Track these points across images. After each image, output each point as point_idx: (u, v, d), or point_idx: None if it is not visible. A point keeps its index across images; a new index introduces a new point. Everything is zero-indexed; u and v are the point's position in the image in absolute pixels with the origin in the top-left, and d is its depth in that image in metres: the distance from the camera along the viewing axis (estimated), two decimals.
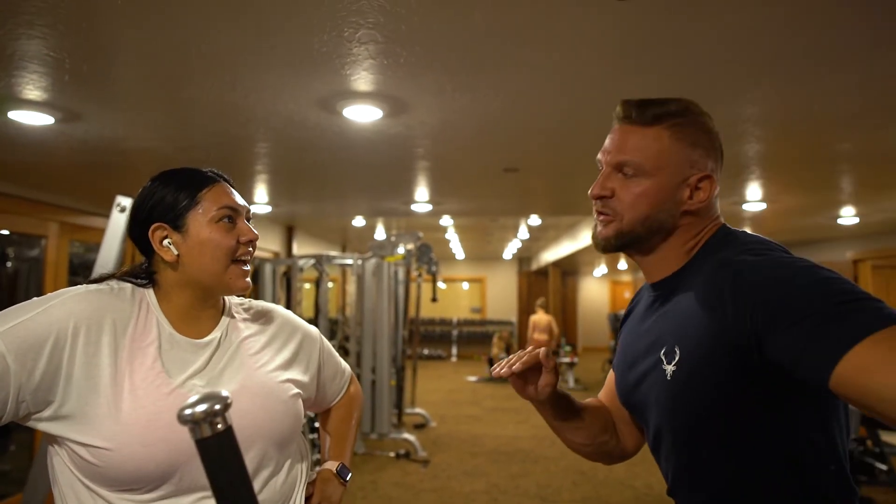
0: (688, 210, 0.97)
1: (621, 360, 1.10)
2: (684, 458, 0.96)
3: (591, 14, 1.53)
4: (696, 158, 0.96)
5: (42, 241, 4.02)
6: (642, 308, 1.08)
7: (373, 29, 1.59)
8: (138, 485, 0.94)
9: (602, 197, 0.99)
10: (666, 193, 0.96)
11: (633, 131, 0.97)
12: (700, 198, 0.96)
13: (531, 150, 3.01)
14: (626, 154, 0.97)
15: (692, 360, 0.90)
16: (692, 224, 0.98)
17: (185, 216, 1.04)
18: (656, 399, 0.97)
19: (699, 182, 0.96)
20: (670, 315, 0.96)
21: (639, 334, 1.05)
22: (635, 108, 0.98)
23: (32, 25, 1.56)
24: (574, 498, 4.48)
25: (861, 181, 3.89)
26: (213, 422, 0.61)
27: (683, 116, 0.97)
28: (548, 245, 11.47)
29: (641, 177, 0.96)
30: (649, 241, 0.99)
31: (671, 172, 0.96)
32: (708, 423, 0.91)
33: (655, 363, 0.96)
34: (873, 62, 1.84)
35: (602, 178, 1.00)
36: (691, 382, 0.90)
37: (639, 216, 0.96)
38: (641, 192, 0.96)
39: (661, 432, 0.99)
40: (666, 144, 0.96)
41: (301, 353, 1.17)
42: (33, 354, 0.92)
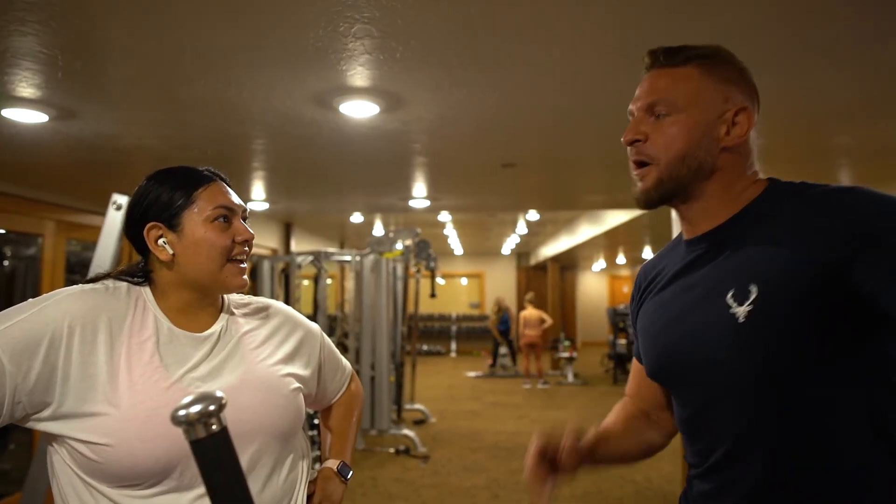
0: (726, 147, 0.94)
1: (651, 329, 1.04)
2: (749, 411, 0.90)
3: (589, 10, 1.52)
4: (729, 93, 0.95)
5: (39, 239, 4.00)
6: (675, 271, 1.02)
7: (368, 24, 1.58)
8: (138, 480, 0.93)
9: (635, 141, 0.97)
10: (702, 128, 0.93)
11: (663, 73, 0.97)
12: (738, 132, 0.94)
13: (529, 146, 3.00)
14: (657, 94, 0.95)
15: (774, 293, 0.85)
16: (733, 165, 0.95)
17: (181, 215, 1.03)
18: (720, 349, 0.90)
19: (735, 116, 0.94)
20: (734, 259, 0.92)
21: (678, 295, 0.99)
22: (663, 53, 0.98)
23: (24, 22, 1.54)
24: (574, 493, 4.48)
25: (859, 174, 3.89)
26: (208, 423, 0.60)
27: (714, 56, 0.96)
28: (546, 240, 11.47)
29: (674, 114, 0.94)
30: (691, 186, 0.96)
31: (705, 107, 0.94)
32: (788, 362, 0.85)
33: (718, 309, 0.90)
34: (870, 56, 1.83)
35: (634, 122, 0.98)
36: (772, 317, 0.85)
37: (676, 155, 0.94)
38: (676, 130, 0.93)
39: (720, 389, 0.92)
40: (697, 81, 0.94)
41: (302, 348, 1.16)
42: (28, 355, 0.91)
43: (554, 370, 10.84)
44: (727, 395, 0.92)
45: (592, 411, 7.46)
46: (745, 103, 0.95)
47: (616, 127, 2.66)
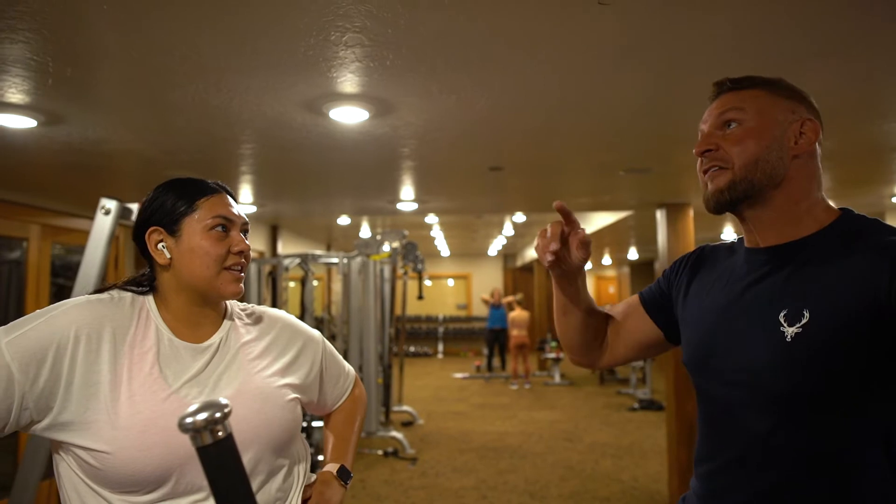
0: (797, 154, 1.00)
1: (698, 323, 1.10)
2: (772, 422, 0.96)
3: (574, 18, 1.55)
4: (795, 107, 1.02)
5: (23, 243, 3.97)
6: (733, 275, 1.07)
7: (359, 33, 1.60)
8: (137, 487, 0.96)
9: (707, 151, 1.03)
10: (772, 135, 1.00)
11: (731, 96, 1.05)
12: (807, 140, 1.00)
13: (516, 150, 3.03)
14: (731, 109, 1.03)
15: (825, 323, 0.91)
16: (801, 177, 1.01)
17: (181, 221, 1.07)
18: (762, 361, 0.96)
19: (803, 125, 1.01)
20: (794, 281, 0.97)
21: (732, 299, 1.04)
22: (730, 81, 1.06)
23: (15, 30, 1.55)
24: (562, 493, 4.53)
25: (838, 177, 3.97)
26: (214, 430, 0.62)
27: (778, 81, 1.05)
28: (533, 241, 11.52)
29: (745, 123, 1.01)
30: (763, 191, 1.01)
31: (774, 117, 1.01)
32: (821, 386, 0.92)
33: (769, 324, 0.96)
34: (850, 64, 1.89)
35: (705, 135, 1.05)
36: (817, 345, 0.91)
37: (750, 158, 1.00)
38: (748, 136, 1.00)
39: (754, 395, 0.98)
40: (765, 97, 1.02)
41: (301, 357, 1.19)
42: (36, 363, 0.94)
43: (541, 371, 10.90)
44: (756, 402, 0.98)
45: (579, 411, 7.52)
46: (809, 116, 1.02)
47: (601, 131, 2.71)
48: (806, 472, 0.93)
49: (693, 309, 1.13)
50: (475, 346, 13.79)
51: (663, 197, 4.42)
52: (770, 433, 0.96)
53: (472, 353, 13.64)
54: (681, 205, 4.51)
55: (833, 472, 0.92)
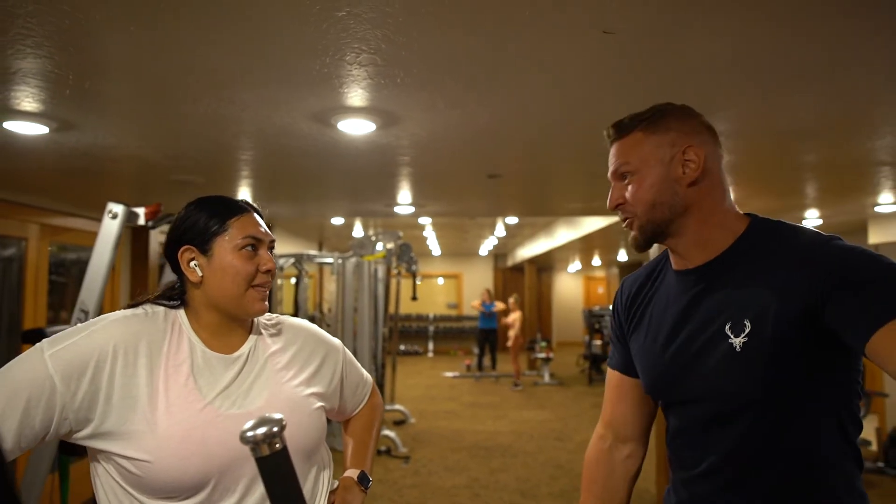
0: (690, 182, 1.07)
1: (650, 352, 1.16)
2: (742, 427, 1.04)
3: (576, 43, 1.64)
4: (673, 139, 1.08)
5: (22, 242, 3.99)
6: (670, 299, 1.15)
7: (374, 54, 1.67)
8: (175, 493, 1.01)
9: (617, 206, 1.13)
10: (660, 177, 1.08)
11: (618, 144, 1.13)
12: (693, 166, 1.07)
13: (514, 159, 3.12)
14: (618, 162, 1.12)
15: (764, 329, 0.99)
16: (703, 197, 1.08)
17: (213, 241, 1.11)
18: (720, 373, 1.04)
19: (684, 154, 1.08)
20: (728, 294, 1.05)
21: (677, 321, 1.12)
22: (614, 129, 1.14)
23: (41, 46, 1.60)
24: (552, 491, 4.63)
25: (824, 187, 4.09)
26: (272, 442, 0.70)
27: (653, 115, 1.11)
28: (524, 242, 11.64)
29: (635, 174, 1.10)
30: (671, 225, 1.09)
31: (655, 159, 1.08)
32: (776, 386, 1.00)
33: (717, 338, 1.04)
34: (831, 83, 1.98)
35: (612, 190, 1.14)
36: (764, 349, 0.99)
37: (647, 205, 1.09)
38: (640, 186, 1.09)
39: (720, 406, 1.06)
40: (642, 142, 1.10)
41: (324, 366, 1.24)
42: (77, 376, 0.99)
43: (531, 370, 11.01)
44: (719, 414, 1.06)
45: (569, 410, 7.64)
46: (690, 142, 1.08)
47: (595, 142, 2.80)
48: (775, 471, 1.03)
49: (640, 341, 1.21)
50: (465, 345, 13.88)
51: None
52: (736, 440, 1.05)
53: (463, 352, 13.72)
54: None
55: (801, 468, 1.03)
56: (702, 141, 1.09)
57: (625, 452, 1.29)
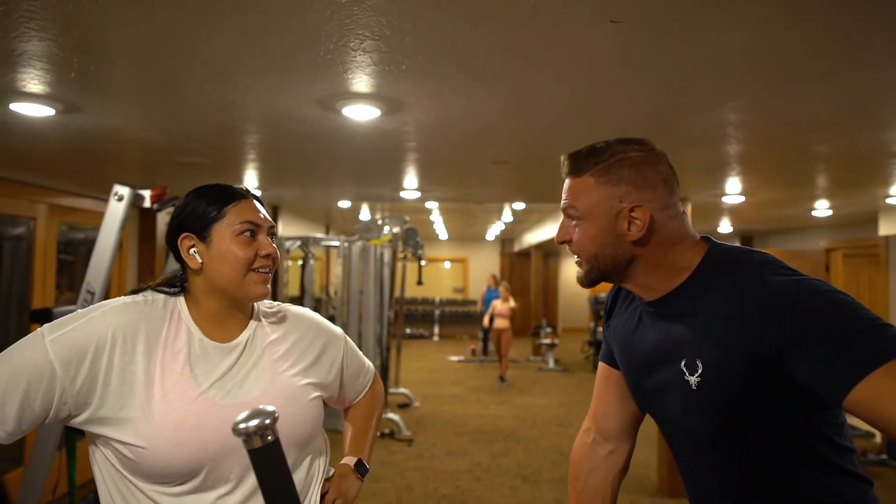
0: (634, 240, 1.04)
1: (630, 369, 1.17)
2: (708, 459, 1.06)
3: (582, 33, 1.61)
4: (622, 193, 1.04)
5: (31, 222, 4.02)
6: (638, 320, 1.15)
7: (378, 40, 1.65)
8: (169, 479, 1.03)
9: (564, 242, 1.11)
10: (604, 231, 1.05)
11: (570, 182, 1.09)
12: (638, 226, 1.03)
13: (521, 147, 3.10)
14: (568, 202, 1.09)
15: (717, 370, 0.98)
16: (651, 250, 1.05)
17: (211, 228, 1.12)
18: (681, 407, 1.05)
19: (631, 212, 1.03)
20: (681, 330, 1.04)
21: (645, 342, 1.12)
22: (569, 162, 1.09)
23: (45, 29, 1.60)
24: (553, 477, 4.66)
25: (835, 179, 4.05)
26: (264, 434, 0.70)
27: (607, 160, 1.05)
28: (531, 227, 11.60)
29: (581, 220, 1.07)
30: (616, 274, 1.08)
31: (601, 212, 1.05)
32: (732, 425, 1.01)
33: (676, 374, 1.04)
34: (844, 76, 1.95)
35: (561, 225, 1.12)
36: (716, 391, 0.99)
37: (589, 255, 1.08)
38: (584, 235, 1.07)
39: (684, 438, 1.09)
40: (591, 190, 1.05)
41: (324, 355, 1.24)
42: (76, 361, 1.00)
43: (535, 356, 11.04)
44: (689, 441, 1.09)
45: (572, 397, 7.67)
46: (640, 200, 1.03)
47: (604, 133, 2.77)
48: (754, 496, 1.04)
49: (624, 353, 1.20)
50: (471, 329, 13.92)
51: None
52: (717, 465, 1.07)
53: (468, 336, 13.76)
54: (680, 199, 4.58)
55: (778, 492, 1.03)
56: (653, 198, 1.04)
57: (608, 448, 1.30)
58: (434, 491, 4.32)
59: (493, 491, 4.35)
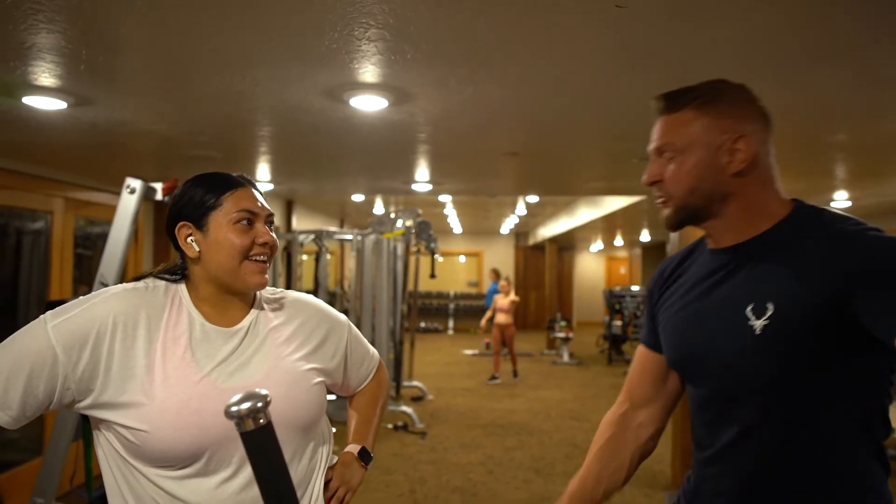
0: (736, 172, 1.03)
1: (676, 327, 1.15)
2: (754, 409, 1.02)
3: (589, 18, 1.59)
4: (726, 125, 1.03)
5: (48, 216, 4.08)
6: (700, 277, 1.13)
7: (382, 29, 1.65)
8: (170, 462, 1.03)
9: (652, 183, 1.09)
10: (705, 163, 1.04)
11: (666, 119, 1.08)
12: (741, 158, 1.03)
13: (531, 137, 3.07)
14: (663, 139, 1.08)
15: (787, 314, 0.96)
16: (748, 187, 1.04)
17: (208, 216, 1.11)
18: (737, 354, 1.02)
19: (734, 144, 1.03)
20: (756, 276, 1.02)
21: (704, 299, 1.10)
22: (665, 100, 1.09)
23: (53, 21, 1.61)
24: (567, 470, 4.64)
25: (854, 169, 3.97)
26: (256, 417, 0.70)
27: (708, 94, 1.06)
28: (545, 221, 11.55)
29: (679, 155, 1.05)
30: (707, 210, 1.06)
31: (703, 144, 1.04)
32: (791, 372, 0.98)
33: (738, 320, 1.01)
34: (863, 61, 1.91)
35: (650, 165, 1.10)
36: (783, 334, 0.97)
37: (685, 190, 1.05)
38: (681, 169, 1.05)
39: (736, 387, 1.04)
40: (692, 122, 1.05)
41: (328, 341, 1.24)
42: (78, 347, 1.01)
43: (550, 350, 11.01)
44: (737, 393, 1.04)
45: (587, 390, 7.63)
46: (743, 131, 1.03)
47: (614, 123, 2.75)
48: (787, 456, 1.00)
49: (667, 315, 1.19)
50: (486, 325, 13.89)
51: None
52: (752, 421, 1.03)
53: (482, 330, 13.75)
54: None
55: (812, 462, 1.00)
56: (754, 130, 1.04)
57: (639, 419, 1.28)
58: (446, 483, 4.33)
59: (505, 484, 4.35)
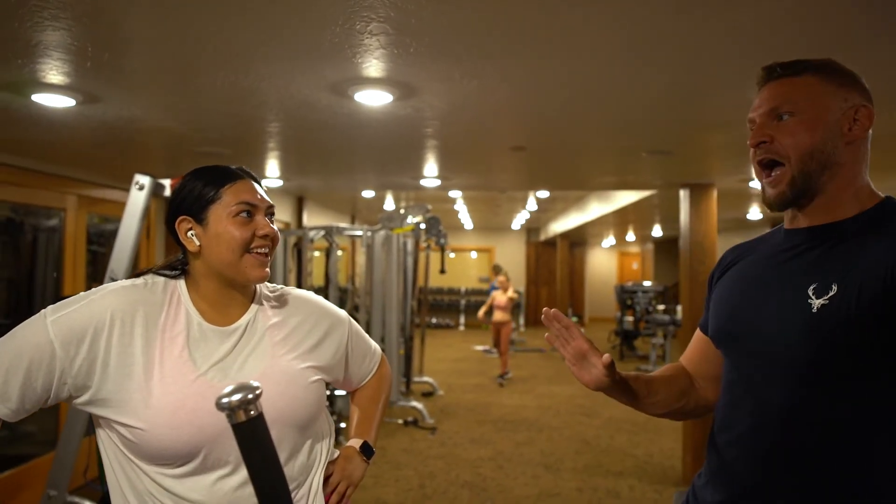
0: (849, 141, 1.02)
1: (729, 297, 1.13)
2: (793, 388, 0.99)
3: (594, 10, 1.58)
4: (848, 94, 1.03)
5: (61, 213, 4.13)
6: (768, 253, 1.11)
7: (383, 22, 1.64)
8: (169, 460, 1.04)
9: (762, 143, 1.05)
10: (826, 125, 1.01)
11: (783, 82, 1.06)
12: (860, 127, 1.03)
13: (538, 132, 3.06)
14: (780, 99, 1.05)
15: (849, 297, 0.94)
16: (853, 162, 1.03)
17: (207, 209, 1.11)
18: (787, 330, 1.00)
19: (857, 112, 1.02)
20: (827, 257, 1.01)
21: (765, 273, 1.09)
22: (780, 66, 1.07)
23: (58, 18, 1.63)
24: (576, 466, 4.64)
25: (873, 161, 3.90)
26: (247, 409, 0.70)
27: (828, 65, 1.05)
28: (556, 216, 11.51)
29: (800, 115, 1.02)
30: (820, 180, 1.03)
31: (827, 106, 1.02)
32: (839, 358, 0.95)
33: (797, 297, 0.99)
34: (872, 52, 1.87)
35: (758, 127, 1.06)
36: (840, 316, 0.94)
37: (805, 151, 1.02)
38: (802, 128, 1.02)
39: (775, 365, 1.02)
40: (817, 85, 1.03)
41: (328, 339, 1.23)
42: (76, 342, 1.01)
43: None
44: (777, 372, 1.01)
45: None
46: (865, 101, 1.04)
47: (621, 117, 2.72)
48: (817, 440, 0.97)
49: (724, 287, 1.17)
50: None
51: (687, 177, 4.40)
52: (787, 402, 1.00)
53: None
54: (705, 185, 4.48)
55: (842, 442, 0.96)
56: (871, 105, 1.04)
57: (701, 383, 1.27)
58: (456, 478, 4.34)
59: (514, 479, 4.34)
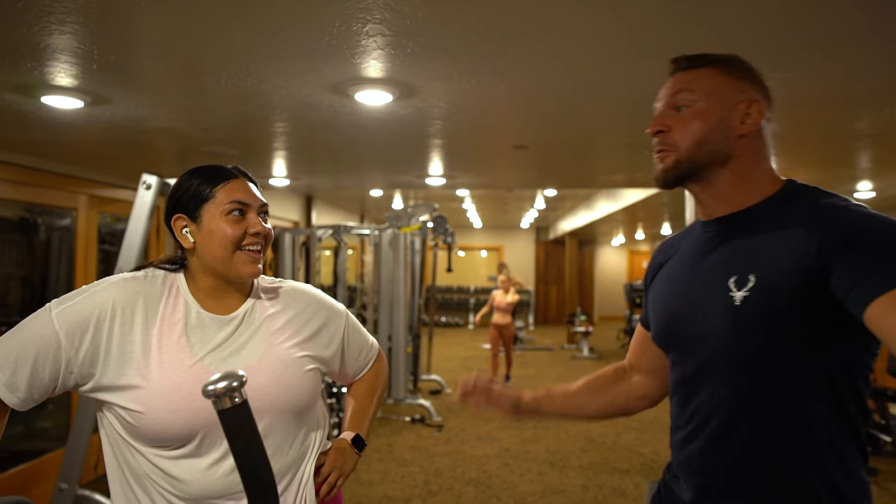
0: (741, 134, 1.04)
1: (663, 299, 1.17)
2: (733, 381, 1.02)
3: (592, 7, 1.59)
4: (744, 87, 1.06)
5: (73, 213, 4.21)
6: (690, 250, 1.14)
7: (380, 24, 1.67)
8: (165, 443, 1.08)
9: (659, 132, 1.09)
10: (718, 116, 1.05)
11: (685, 74, 1.10)
12: (752, 121, 1.05)
13: (539, 130, 3.07)
14: (679, 89, 1.08)
15: (768, 286, 0.96)
16: (747, 153, 1.05)
17: (201, 208, 1.15)
18: (716, 326, 1.02)
19: (749, 107, 1.05)
20: (741, 248, 1.03)
21: (690, 271, 1.12)
22: (686, 59, 1.10)
23: (64, 23, 1.67)
24: (582, 463, 4.65)
25: (878, 157, 3.88)
26: (232, 396, 0.74)
27: (728, 59, 1.09)
28: (565, 215, 11.49)
29: (693, 106, 1.06)
30: (707, 170, 1.07)
31: (721, 98, 1.05)
32: (769, 347, 0.98)
33: (719, 292, 1.02)
34: (876, 46, 1.86)
35: (658, 115, 1.10)
36: (763, 306, 0.97)
37: (695, 140, 1.05)
38: (695, 118, 1.05)
39: (711, 361, 1.05)
40: (715, 77, 1.07)
41: (324, 330, 1.26)
42: (80, 333, 1.06)
43: (570, 344, 10.97)
44: (717, 365, 1.04)
45: None
46: (757, 97, 1.06)
47: (623, 115, 2.73)
48: (762, 431, 1.00)
49: (655, 290, 1.21)
50: None
51: None
52: (729, 397, 1.03)
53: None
54: None
55: (783, 441, 0.99)
56: (765, 101, 1.07)
57: (636, 378, 1.31)
58: (462, 475, 4.36)
59: (520, 476, 4.36)
